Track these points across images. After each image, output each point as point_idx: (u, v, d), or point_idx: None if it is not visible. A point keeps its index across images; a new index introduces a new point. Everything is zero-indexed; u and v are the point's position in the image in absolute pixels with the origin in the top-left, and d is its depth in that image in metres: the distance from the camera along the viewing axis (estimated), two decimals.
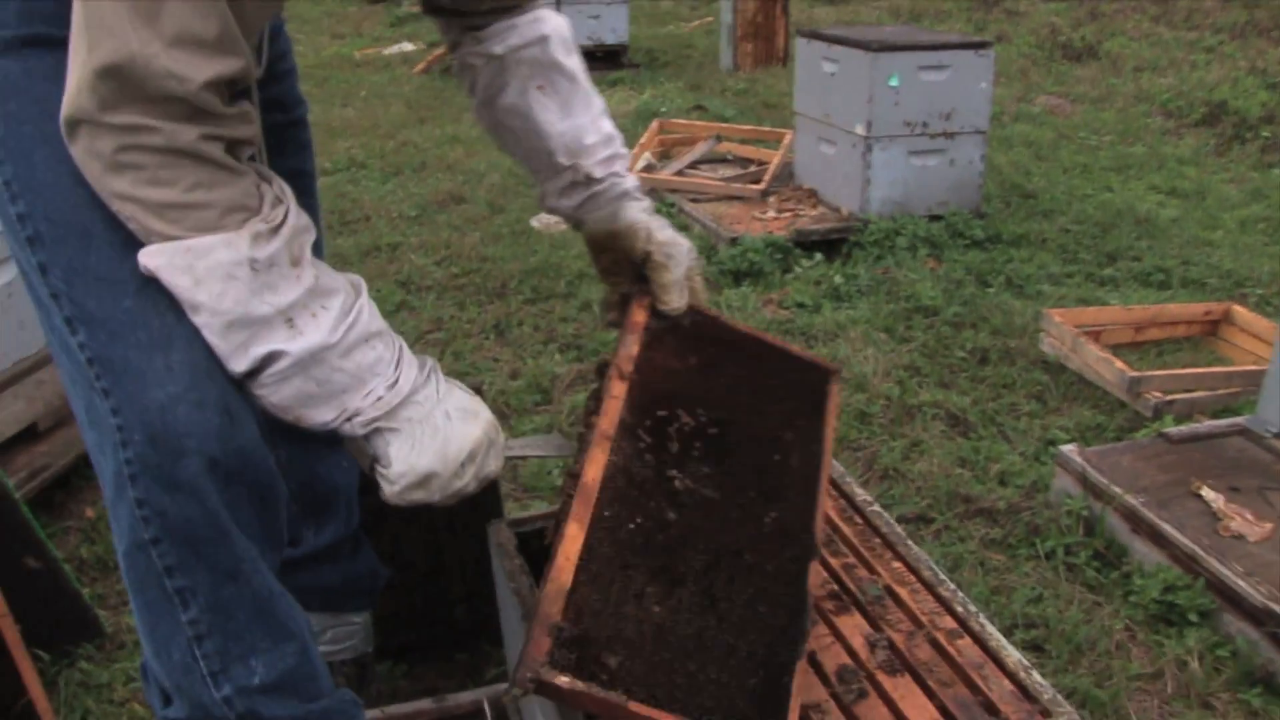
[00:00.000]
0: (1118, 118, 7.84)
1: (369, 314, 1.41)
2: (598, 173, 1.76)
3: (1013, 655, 1.61)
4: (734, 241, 4.93)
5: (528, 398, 3.76)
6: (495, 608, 2.31)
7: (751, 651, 1.45)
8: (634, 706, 1.29)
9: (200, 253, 1.28)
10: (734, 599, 1.50)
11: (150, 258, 1.29)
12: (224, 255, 1.28)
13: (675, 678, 1.37)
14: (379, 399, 1.41)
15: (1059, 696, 1.54)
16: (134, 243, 1.31)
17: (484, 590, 2.37)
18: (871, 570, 1.80)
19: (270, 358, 1.33)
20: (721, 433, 1.69)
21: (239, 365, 1.33)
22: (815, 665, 1.60)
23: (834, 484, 2.00)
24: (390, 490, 1.46)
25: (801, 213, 5.36)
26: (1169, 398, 3.55)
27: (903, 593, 1.75)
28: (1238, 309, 4.17)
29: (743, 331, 1.87)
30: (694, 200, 5.61)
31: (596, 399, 1.64)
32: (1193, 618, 2.58)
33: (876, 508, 1.96)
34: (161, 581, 1.38)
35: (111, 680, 2.43)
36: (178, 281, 1.29)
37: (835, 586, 1.77)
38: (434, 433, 1.44)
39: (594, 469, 1.52)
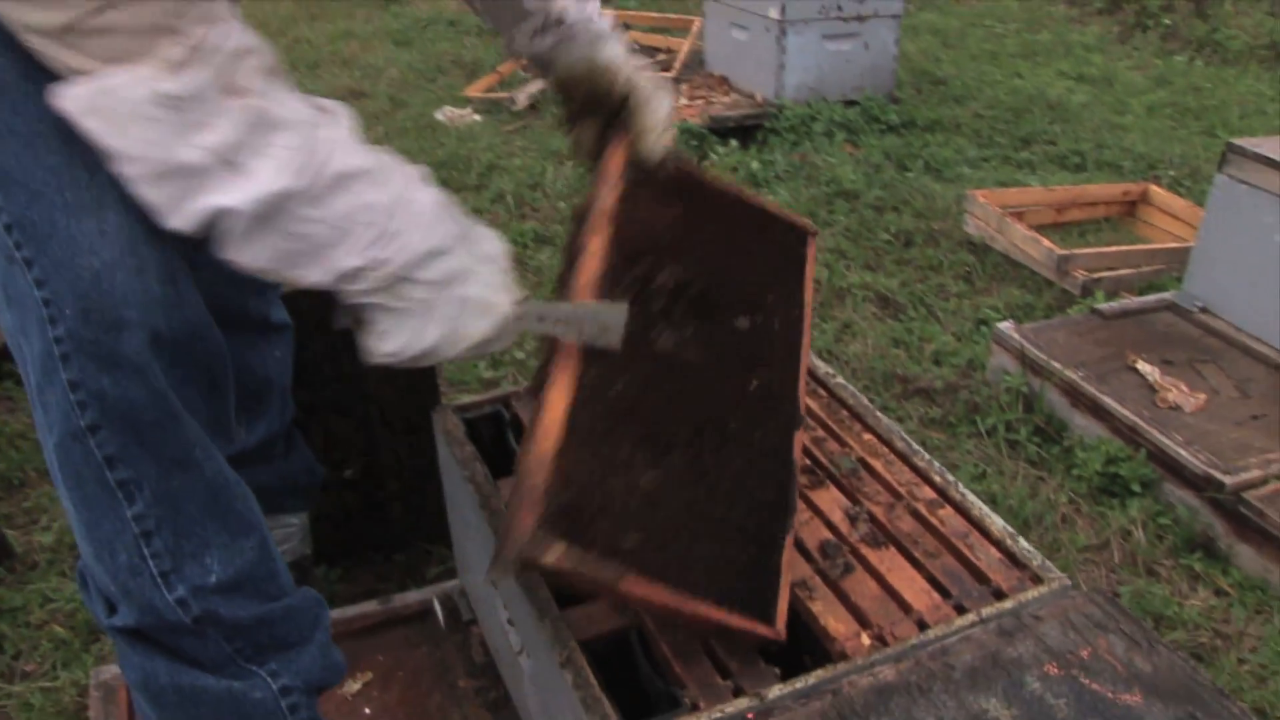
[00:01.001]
0: (1022, 6, 7.81)
1: (344, 149, 1.15)
2: (571, 13, 1.62)
3: (997, 523, 1.56)
4: None
5: None
6: (433, 505, 2.22)
7: (742, 525, 1.39)
8: (628, 582, 1.21)
9: (109, 90, 1.05)
10: (722, 469, 1.42)
11: (61, 99, 1.07)
12: (134, 91, 1.05)
13: (667, 553, 1.29)
14: (376, 259, 1.16)
15: (1048, 562, 1.49)
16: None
17: (421, 487, 2.27)
18: (842, 443, 1.74)
19: (220, 215, 1.10)
20: (702, 293, 1.57)
21: (181, 223, 1.10)
22: (797, 542, 1.53)
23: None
24: (372, 358, 1.26)
25: (714, 100, 5.24)
26: (1096, 275, 3.55)
27: (877, 465, 1.69)
28: (1155, 189, 4.18)
29: (721, 187, 1.75)
30: None
31: (571, 253, 1.48)
32: (1135, 488, 2.58)
33: (840, 380, 1.89)
34: (101, 474, 1.23)
35: (26, 603, 2.28)
36: (90, 125, 1.07)
37: (807, 461, 1.70)
38: (441, 322, 1.22)
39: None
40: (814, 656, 1.41)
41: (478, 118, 5.32)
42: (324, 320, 1.40)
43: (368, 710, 1.85)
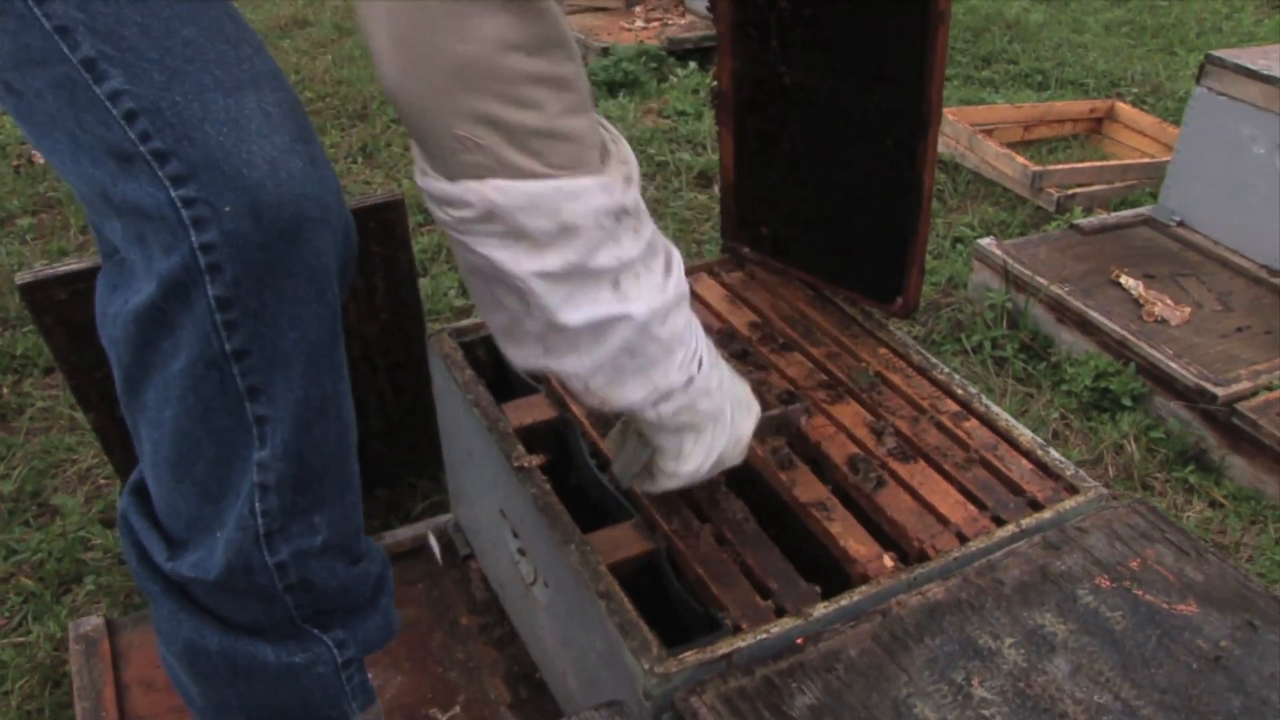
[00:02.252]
0: None
1: (680, 268, 1.15)
2: None
3: (1025, 434, 1.51)
4: (605, 52, 4.68)
5: (410, 219, 3.51)
6: (419, 439, 2.14)
7: (869, 232, 1.68)
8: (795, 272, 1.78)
9: (572, 194, 1.01)
10: (854, 173, 1.65)
11: (499, 193, 0.99)
12: (599, 200, 1.02)
13: (818, 250, 1.74)
14: (688, 378, 1.16)
15: (1081, 472, 1.45)
16: None
17: (405, 423, 2.19)
18: (857, 358, 1.68)
19: (613, 321, 1.08)
20: (816, 14, 1.61)
21: (573, 320, 1.06)
22: (824, 457, 1.47)
23: (796, 275, 1.86)
24: (669, 484, 1.29)
25: (670, 21, 5.12)
26: (1069, 192, 3.51)
27: (896, 379, 1.63)
28: (1121, 105, 4.15)
29: None
30: None
31: (712, 4, 1.72)
32: (1126, 402, 2.55)
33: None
34: (239, 405, 1.04)
35: None
36: (532, 224, 1.00)
37: (824, 376, 1.64)
38: (723, 430, 1.25)
39: (725, 76, 1.76)
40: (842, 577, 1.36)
41: None
42: None
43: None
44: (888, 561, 1.34)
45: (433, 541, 1.92)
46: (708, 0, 1.74)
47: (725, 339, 1.70)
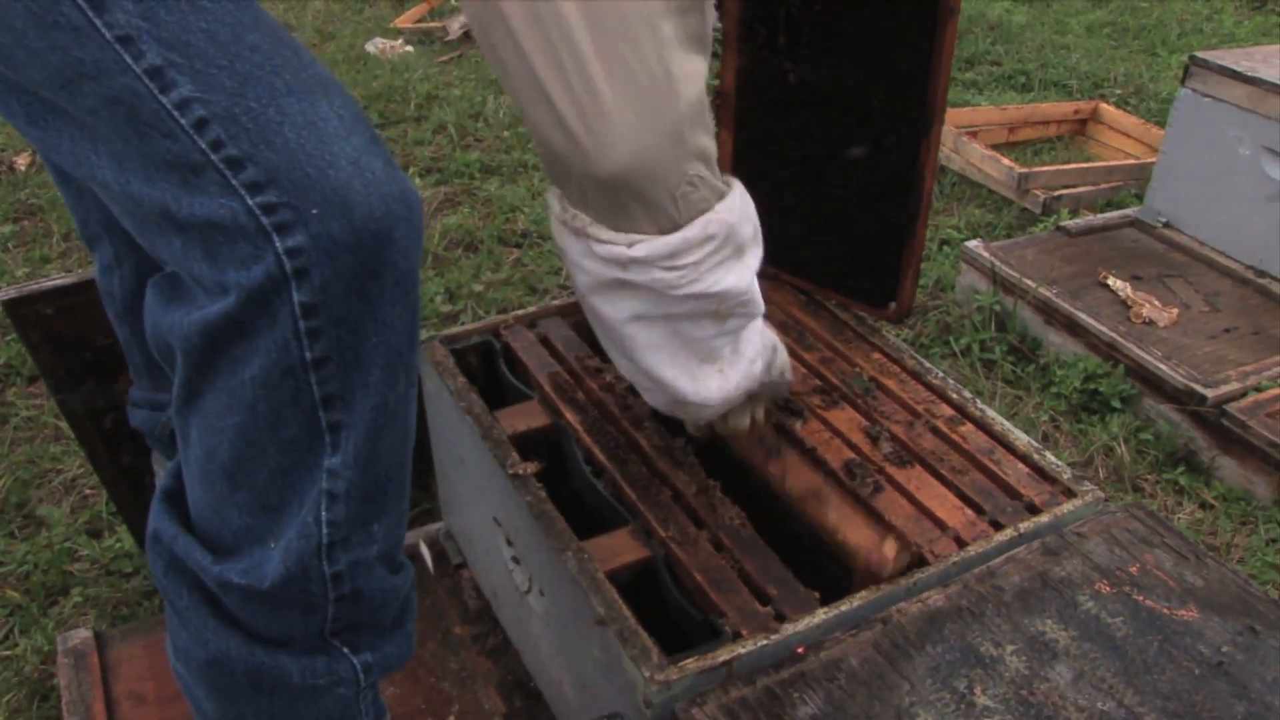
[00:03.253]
0: None
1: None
2: None
3: (1021, 438, 1.51)
4: None
5: None
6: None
7: (864, 235, 1.69)
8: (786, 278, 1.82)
9: (744, 195, 1.22)
10: (851, 177, 1.66)
11: (729, 213, 1.16)
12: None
13: (809, 255, 1.78)
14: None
15: (1078, 475, 1.44)
16: None
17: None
18: (851, 363, 1.67)
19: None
20: (825, 9, 1.60)
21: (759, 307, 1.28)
22: (820, 462, 1.47)
23: (787, 281, 1.86)
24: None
25: None
26: (1055, 193, 3.52)
27: (890, 383, 1.62)
28: (1105, 107, 4.16)
29: None
30: None
31: (720, 3, 1.69)
32: (1115, 404, 2.56)
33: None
34: (314, 414, 1.00)
35: None
36: (744, 231, 1.20)
37: (817, 381, 1.63)
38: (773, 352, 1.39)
39: (729, 74, 1.74)
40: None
41: (410, 49, 5.14)
42: None
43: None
44: (889, 551, 1.34)
45: (424, 550, 1.90)
46: None
47: None
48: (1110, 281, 2.83)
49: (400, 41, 5.20)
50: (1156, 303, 2.76)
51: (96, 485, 2.35)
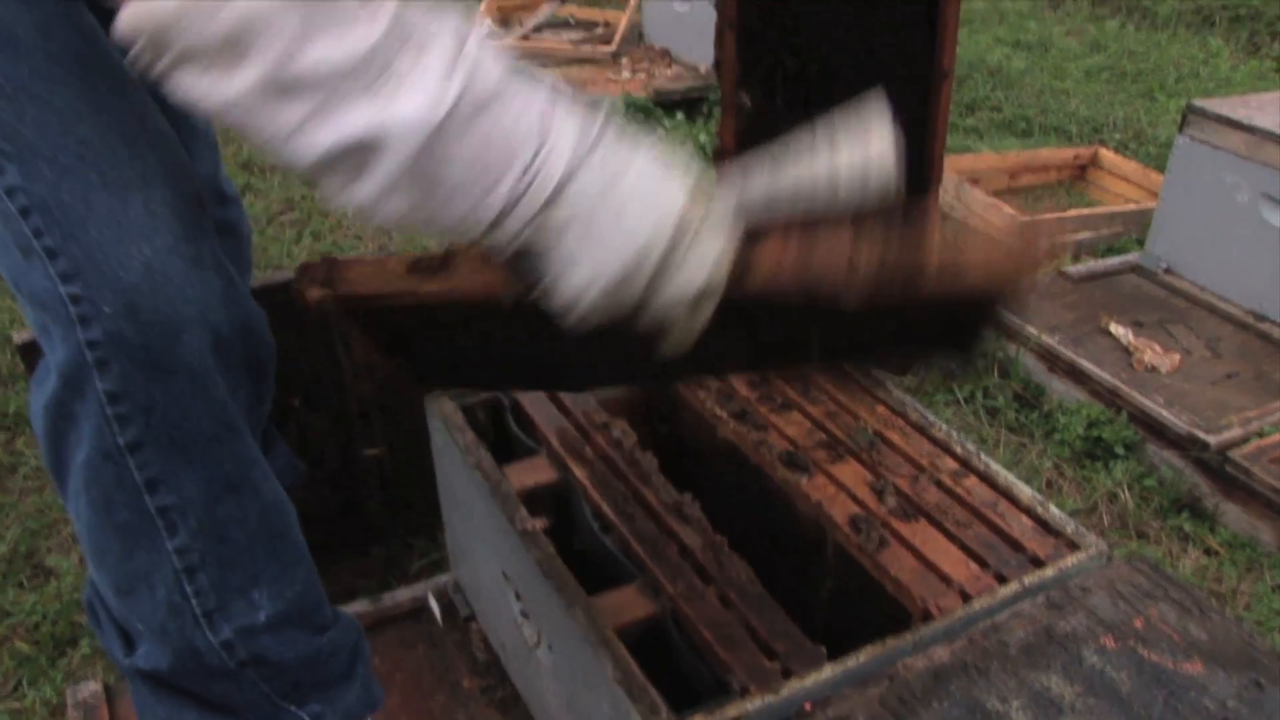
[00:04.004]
0: None
1: (489, 61, 0.84)
2: None
3: (1025, 491, 1.52)
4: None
5: None
6: (415, 498, 2.14)
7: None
8: None
9: None
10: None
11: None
12: None
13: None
14: (519, 198, 0.84)
15: (1082, 528, 1.46)
16: (86, 50, 0.96)
17: (401, 480, 2.19)
18: (855, 417, 1.69)
19: (359, 149, 0.80)
20: (822, 71, 1.62)
21: (314, 150, 0.80)
22: (825, 517, 1.48)
23: None
24: (568, 318, 0.91)
25: (657, 73, 5.17)
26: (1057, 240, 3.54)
27: (894, 437, 1.64)
28: (1105, 152, 4.20)
29: None
30: (542, 65, 5.35)
31: (718, 63, 1.74)
32: (1118, 451, 2.57)
33: None
34: (139, 499, 1.07)
35: None
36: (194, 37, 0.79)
37: (823, 435, 1.65)
38: (599, 242, 0.86)
39: (728, 134, 1.76)
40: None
41: None
42: (294, 311, 1.09)
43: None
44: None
45: (433, 603, 1.92)
46: (714, 57, 1.76)
47: (724, 399, 1.71)
48: (1112, 328, 2.85)
49: None
50: (1158, 349, 2.78)
51: None
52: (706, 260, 0.88)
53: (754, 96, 1.70)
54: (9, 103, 0.96)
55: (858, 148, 0.92)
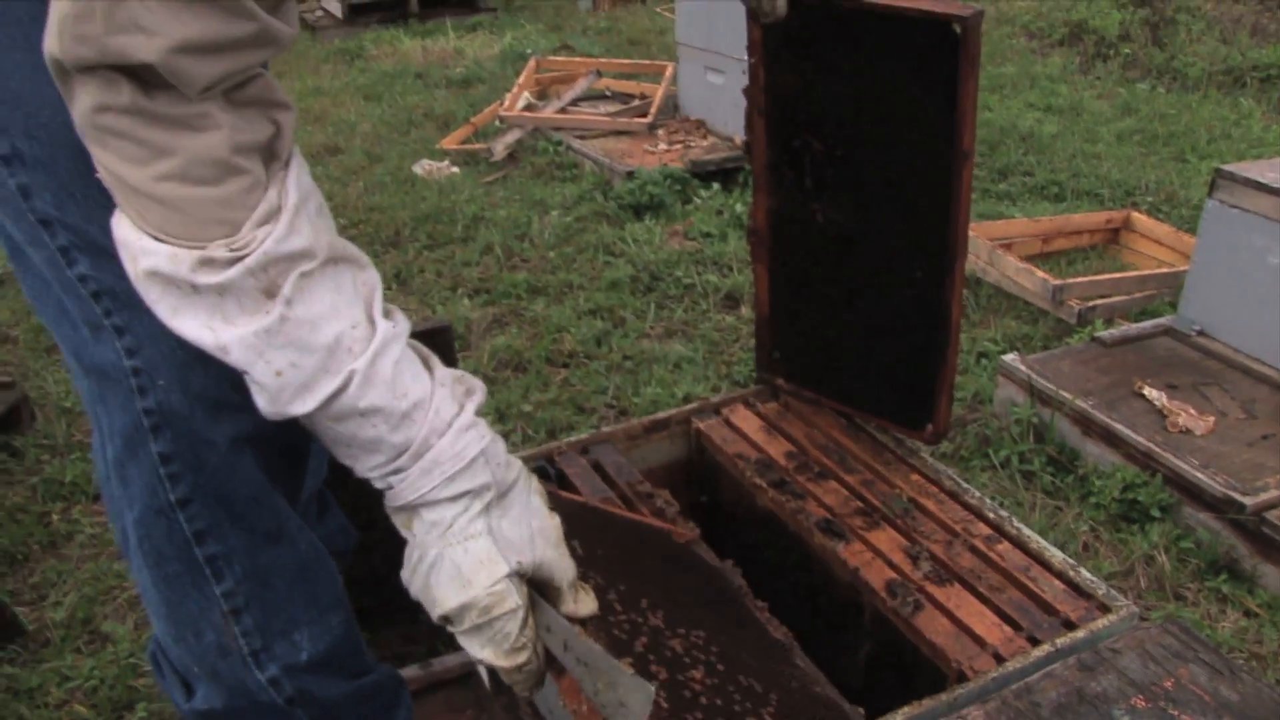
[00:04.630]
0: (984, 40, 7.91)
1: (367, 388, 1.05)
2: None
3: (1056, 555, 1.56)
4: (630, 175, 4.82)
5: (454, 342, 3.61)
6: None
7: (899, 362, 1.78)
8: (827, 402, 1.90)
9: (145, 251, 1.00)
10: (882, 309, 1.76)
11: (117, 226, 1.02)
12: (164, 265, 0.99)
13: (850, 381, 1.88)
14: (385, 482, 1.12)
15: (1113, 591, 1.49)
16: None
17: None
18: (891, 484, 1.74)
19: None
20: (847, 154, 1.72)
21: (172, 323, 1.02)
22: (862, 582, 1.53)
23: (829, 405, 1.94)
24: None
25: (692, 144, 5.27)
26: (1090, 304, 3.58)
27: (928, 504, 1.69)
28: (1137, 215, 4.24)
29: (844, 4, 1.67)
30: (580, 137, 5.47)
31: (748, 146, 1.87)
32: (1154, 513, 2.59)
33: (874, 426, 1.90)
34: (188, 550, 1.20)
35: (43, 683, 2.22)
36: (127, 266, 1.02)
37: (859, 503, 1.69)
38: (425, 571, 1.14)
39: (760, 214, 1.86)
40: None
41: (456, 170, 5.32)
42: None
43: None
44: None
45: (482, 669, 1.96)
46: (744, 141, 1.84)
47: (763, 468, 1.76)
48: (1146, 391, 2.88)
49: (446, 163, 5.38)
50: (1193, 411, 2.80)
51: None
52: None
53: (784, 180, 1.77)
54: (78, 206, 1.12)
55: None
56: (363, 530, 2.16)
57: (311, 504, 1.91)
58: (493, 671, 1.97)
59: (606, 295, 3.89)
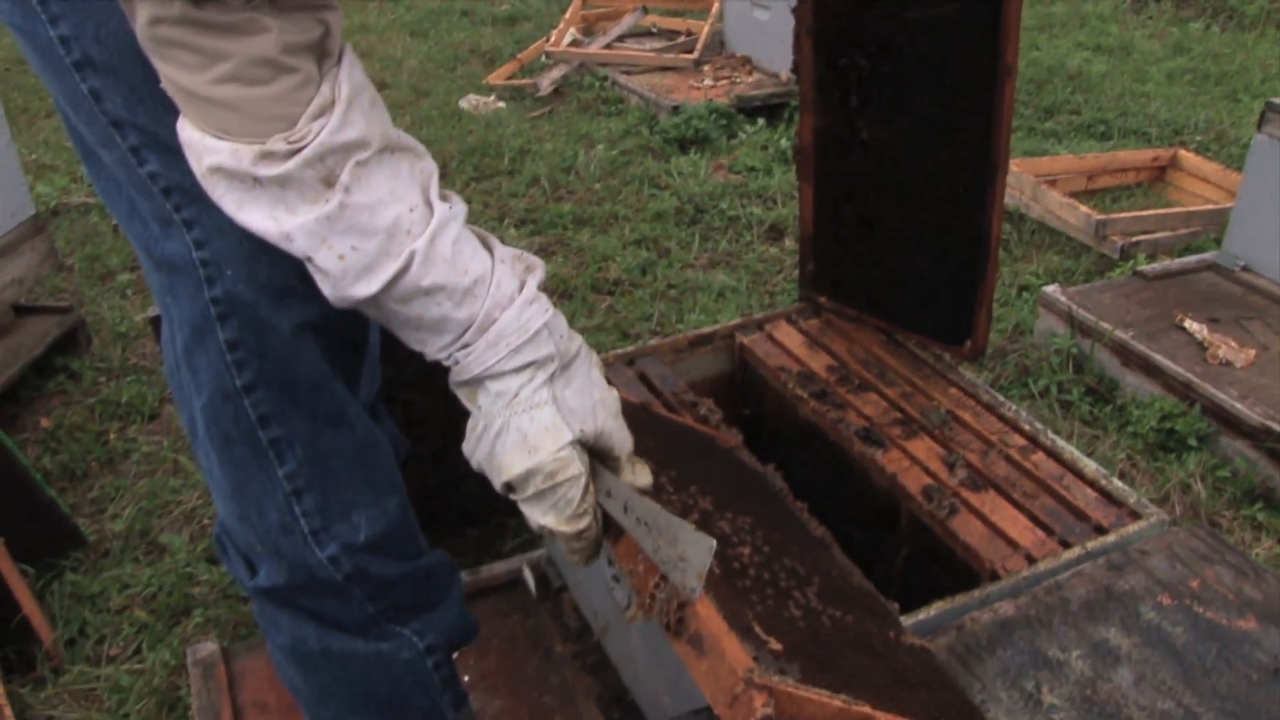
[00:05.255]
0: None
1: (429, 267, 1.09)
2: None
3: (1089, 465, 1.60)
4: (676, 110, 4.83)
5: None
6: None
7: (939, 279, 1.81)
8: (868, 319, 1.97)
9: (209, 150, 1.05)
10: (926, 222, 1.78)
11: (182, 129, 1.07)
12: (227, 161, 1.04)
13: (891, 297, 1.92)
14: (452, 359, 1.15)
15: (1144, 499, 1.53)
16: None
17: None
18: (929, 397, 1.77)
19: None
20: (892, 71, 1.75)
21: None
22: (899, 488, 1.57)
23: (869, 321, 1.97)
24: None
25: (738, 80, 5.27)
26: (1133, 239, 3.58)
27: (966, 416, 1.72)
28: (1184, 153, 4.21)
29: None
30: (626, 73, 5.48)
31: (796, 66, 1.89)
32: (1191, 442, 2.62)
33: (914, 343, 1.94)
34: (254, 433, 1.25)
35: (104, 590, 2.32)
36: (193, 165, 1.08)
37: (898, 414, 1.74)
38: (491, 439, 1.16)
39: (807, 132, 1.90)
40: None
41: (502, 105, 5.35)
42: None
43: (467, 678, 1.88)
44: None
45: (527, 574, 2.03)
46: (792, 61, 1.86)
47: (805, 380, 1.81)
48: (1187, 324, 2.89)
49: (493, 98, 5.41)
50: (1233, 344, 2.81)
51: (214, 515, 2.52)
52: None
53: (831, 98, 1.80)
54: (147, 109, 1.17)
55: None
56: (415, 444, 2.22)
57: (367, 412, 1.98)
58: (538, 577, 2.05)
59: (651, 226, 3.93)
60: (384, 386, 2.05)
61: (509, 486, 1.18)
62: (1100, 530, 1.48)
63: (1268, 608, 1.32)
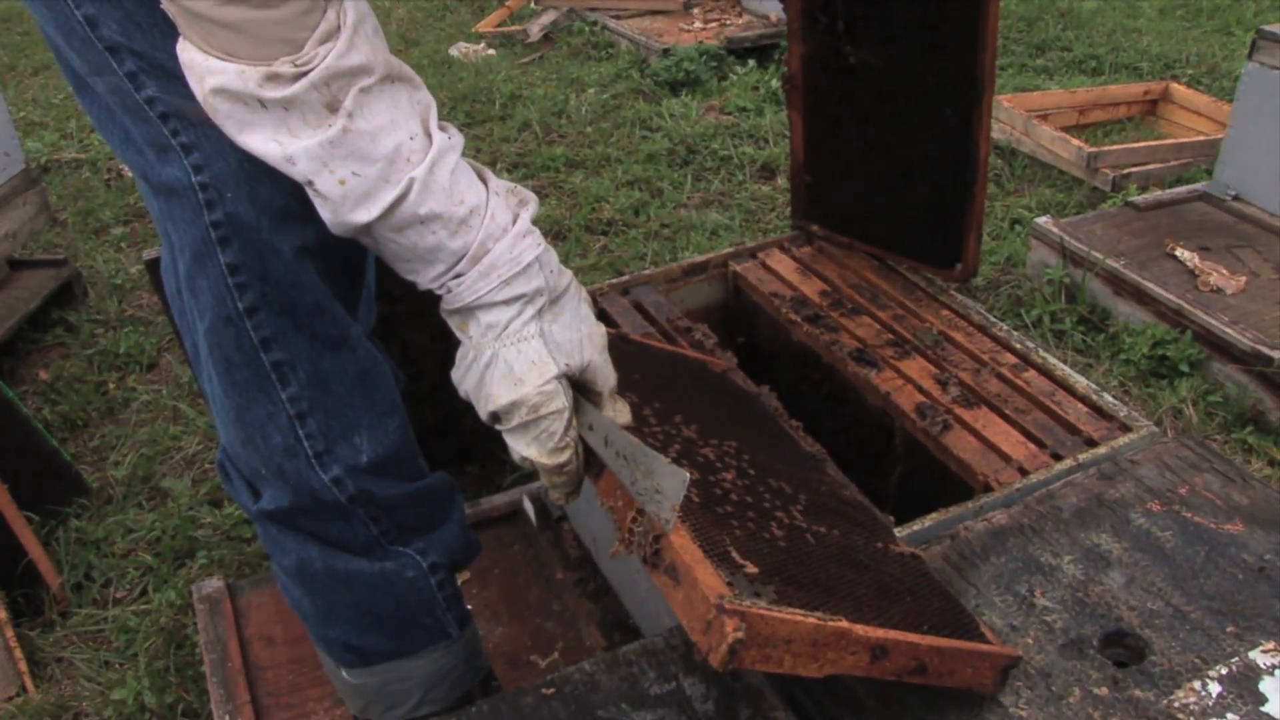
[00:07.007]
0: None
1: (426, 195, 1.11)
2: None
3: (1080, 381, 1.62)
4: (666, 52, 4.82)
5: None
6: None
7: (929, 202, 1.83)
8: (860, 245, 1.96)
9: (212, 71, 1.05)
10: (911, 146, 1.79)
11: (183, 50, 1.08)
12: (232, 82, 1.05)
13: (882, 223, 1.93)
14: (445, 288, 1.17)
15: (1134, 413, 1.55)
16: None
17: None
18: (921, 319, 1.79)
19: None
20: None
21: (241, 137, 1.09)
22: (893, 406, 1.59)
23: (861, 248, 1.99)
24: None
25: (728, 22, 5.25)
26: (1125, 172, 3.59)
27: (958, 336, 1.74)
28: (1176, 86, 4.21)
29: None
30: (615, 17, 5.46)
31: None
32: (1183, 368, 2.64)
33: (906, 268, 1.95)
34: (256, 356, 1.26)
35: (109, 535, 2.34)
36: (194, 87, 1.08)
37: (890, 336, 1.75)
38: (480, 369, 1.19)
39: (795, 61, 1.90)
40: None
41: (492, 52, 5.33)
42: None
43: (470, 606, 1.90)
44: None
45: (528, 504, 2.05)
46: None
47: (798, 305, 1.82)
48: (1178, 252, 2.91)
49: (482, 45, 5.39)
50: (1224, 271, 2.83)
51: (214, 461, 2.54)
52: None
53: (818, 24, 1.80)
54: (144, 34, 1.16)
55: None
56: (412, 381, 2.24)
57: None
58: (538, 508, 2.07)
59: (644, 167, 3.93)
60: (380, 324, 2.06)
61: (494, 416, 1.21)
62: (1091, 443, 1.50)
63: (1254, 511, 1.35)
